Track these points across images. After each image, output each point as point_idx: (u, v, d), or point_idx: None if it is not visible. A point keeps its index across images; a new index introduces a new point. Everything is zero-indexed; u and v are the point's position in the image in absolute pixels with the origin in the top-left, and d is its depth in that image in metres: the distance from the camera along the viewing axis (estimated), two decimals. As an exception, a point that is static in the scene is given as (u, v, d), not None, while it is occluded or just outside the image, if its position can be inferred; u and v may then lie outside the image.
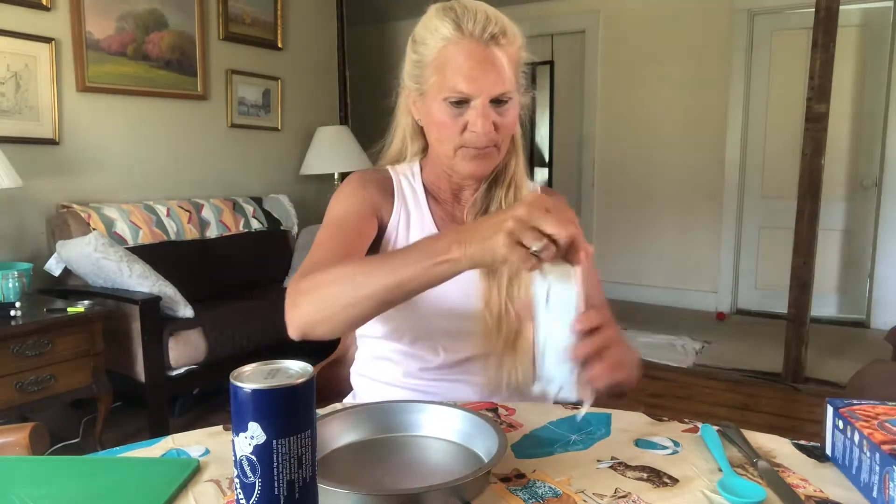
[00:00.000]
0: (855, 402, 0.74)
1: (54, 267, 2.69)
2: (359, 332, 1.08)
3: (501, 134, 0.95)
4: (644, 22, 4.69)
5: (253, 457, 0.51)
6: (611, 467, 0.73)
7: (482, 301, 0.98)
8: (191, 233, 3.20)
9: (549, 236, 0.65)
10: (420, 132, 1.06)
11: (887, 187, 4.07)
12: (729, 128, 4.50)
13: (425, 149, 1.08)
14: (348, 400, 1.09)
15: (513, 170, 1.04)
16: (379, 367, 1.06)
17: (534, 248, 0.65)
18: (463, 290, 0.97)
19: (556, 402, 0.73)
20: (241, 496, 0.52)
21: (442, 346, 1.00)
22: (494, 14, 0.93)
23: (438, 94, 0.93)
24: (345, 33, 4.50)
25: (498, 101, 0.93)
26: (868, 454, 0.66)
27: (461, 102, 0.92)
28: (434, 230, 1.03)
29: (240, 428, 0.51)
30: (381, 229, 1.02)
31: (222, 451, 0.78)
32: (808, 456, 0.76)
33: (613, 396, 0.98)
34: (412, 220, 1.03)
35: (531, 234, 0.65)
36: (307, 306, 0.80)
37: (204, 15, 3.53)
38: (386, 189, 1.04)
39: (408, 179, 1.07)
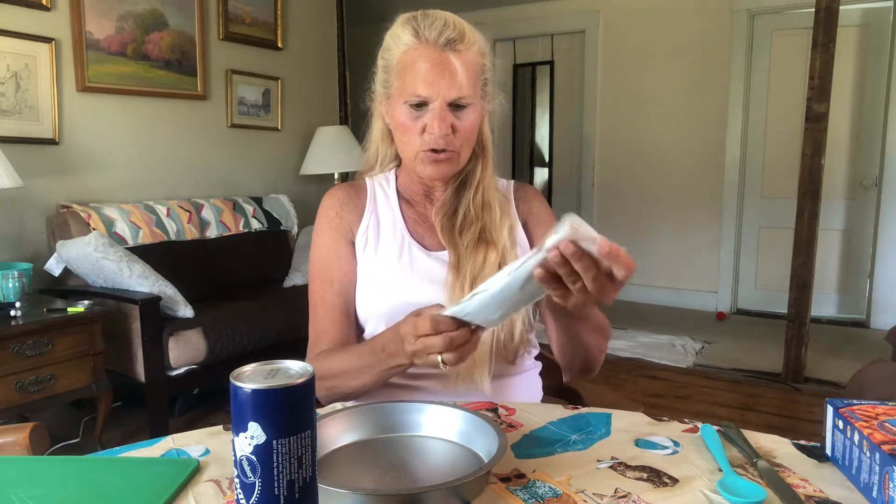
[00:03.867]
0: (855, 402, 0.74)
1: (54, 267, 2.69)
2: None
3: (459, 138, 0.99)
4: (644, 22, 4.69)
5: (253, 457, 0.51)
6: (611, 467, 0.73)
7: (446, 301, 1.01)
8: (191, 233, 3.20)
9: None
10: (391, 136, 1.10)
11: (887, 187, 4.07)
12: (729, 128, 4.50)
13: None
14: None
15: (479, 174, 1.07)
16: None
17: (441, 367, 0.79)
18: (433, 288, 1.03)
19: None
20: (241, 496, 0.52)
21: None
22: (454, 21, 0.98)
23: (400, 98, 0.99)
24: (345, 33, 4.50)
25: (456, 106, 0.97)
26: (868, 454, 0.66)
27: (420, 105, 0.97)
28: (405, 231, 1.08)
29: (240, 428, 0.51)
30: (356, 235, 1.09)
31: (222, 451, 0.78)
32: (808, 456, 0.76)
33: (577, 361, 1.00)
34: (382, 224, 1.09)
35: (430, 360, 0.80)
36: (319, 392, 0.98)
37: (204, 15, 3.53)
38: (359, 202, 1.11)
39: (382, 187, 1.13)
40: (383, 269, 1.06)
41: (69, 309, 2.34)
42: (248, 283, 3.33)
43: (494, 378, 1.02)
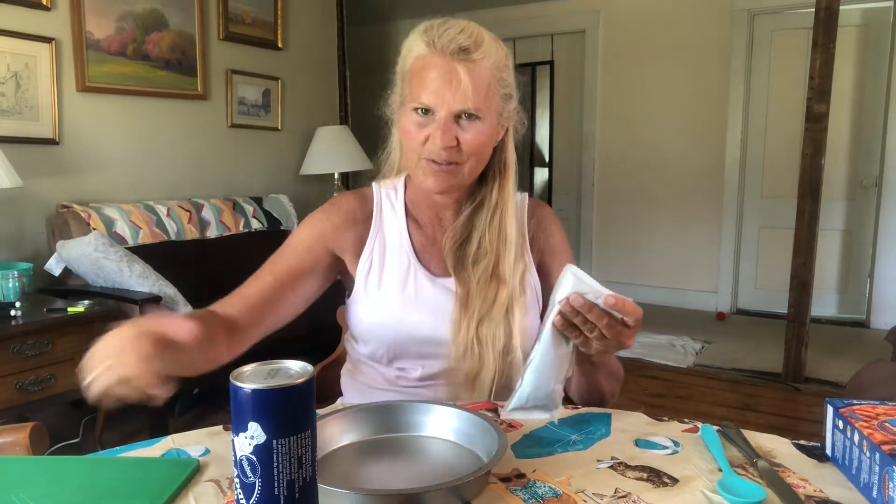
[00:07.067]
0: (855, 402, 0.74)
1: (54, 267, 2.69)
2: (345, 339, 1.11)
3: (465, 151, 0.94)
4: (644, 22, 4.69)
5: (253, 457, 0.51)
6: (611, 467, 0.73)
7: (451, 338, 0.99)
8: (191, 233, 3.20)
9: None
10: None
11: (887, 187, 4.07)
12: (729, 128, 4.50)
13: None
14: (340, 402, 1.10)
15: (496, 198, 1.01)
16: (363, 372, 1.08)
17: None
18: (437, 321, 1.00)
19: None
20: (241, 496, 0.52)
21: (420, 364, 1.02)
22: (472, 29, 0.93)
23: (408, 104, 0.95)
24: (345, 33, 4.50)
25: (463, 117, 0.93)
26: (868, 454, 0.66)
27: (427, 114, 0.93)
28: (411, 254, 1.04)
29: (240, 428, 0.51)
30: (356, 255, 1.04)
31: (222, 451, 0.78)
32: (808, 456, 0.76)
33: (591, 401, 1.01)
34: (388, 245, 1.04)
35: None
36: None
37: (204, 15, 3.53)
38: (359, 217, 1.06)
39: (390, 199, 1.07)
40: (387, 300, 1.02)
41: (69, 309, 2.34)
42: (248, 283, 3.33)
43: None
